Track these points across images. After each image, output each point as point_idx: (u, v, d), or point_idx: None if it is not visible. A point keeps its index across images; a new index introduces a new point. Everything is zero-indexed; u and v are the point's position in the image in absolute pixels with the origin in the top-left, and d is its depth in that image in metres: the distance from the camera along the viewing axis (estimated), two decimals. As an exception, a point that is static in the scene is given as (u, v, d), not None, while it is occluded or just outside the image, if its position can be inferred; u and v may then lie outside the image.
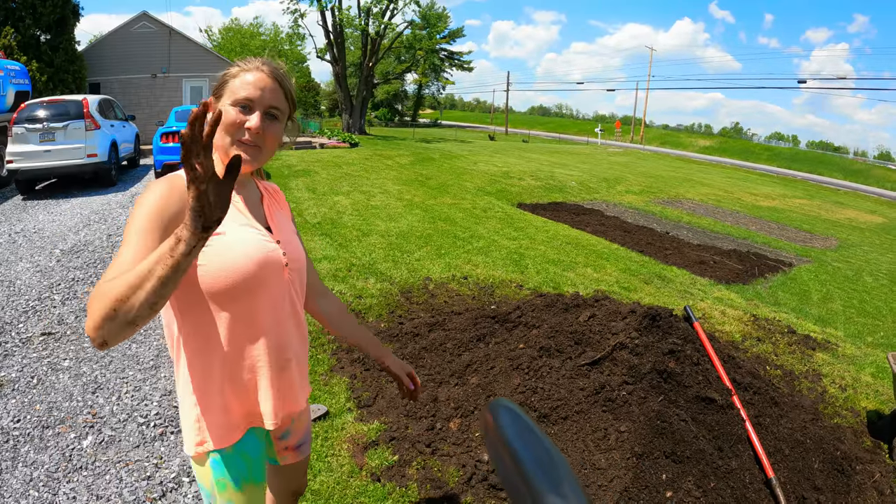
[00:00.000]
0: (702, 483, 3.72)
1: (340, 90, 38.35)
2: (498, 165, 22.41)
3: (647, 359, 4.28)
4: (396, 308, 6.66)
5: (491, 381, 4.50)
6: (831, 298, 10.19)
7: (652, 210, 17.34)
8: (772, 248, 14.12)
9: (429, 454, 4.02)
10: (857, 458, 4.90)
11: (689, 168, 38.73)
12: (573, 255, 10.25)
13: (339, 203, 12.54)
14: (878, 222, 23.50)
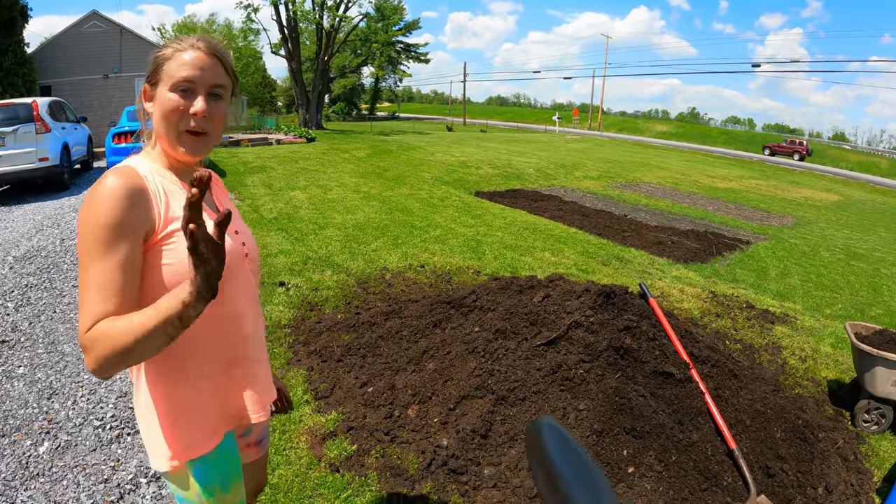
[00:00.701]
0: (663, 457, 3.73)
1: (296, 85, 37.93)
2: (455, 155, 22.40)
3: (603, 336, 4.27)
4: (353, 299, 6.60)
5: (447, 367, 4.47)
6: (789, 274, 10.35)
7: (610, 194, 17.46)
8: (729, 227, 14.29)
9: (387, 442, 3.98)
10: (820, 426, 4.96)
11: (646, 153, 39.05)
12: (531, 240, 10.28)
13: (296, 198, 12.42)
14: (834, 200, 23.95)
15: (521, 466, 3.70)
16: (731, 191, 21.84)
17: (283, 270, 7.45)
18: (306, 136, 27.16)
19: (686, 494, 3.63)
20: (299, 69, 37.63)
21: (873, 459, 4.81)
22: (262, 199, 12.14)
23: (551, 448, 0.68)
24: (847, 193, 28.13)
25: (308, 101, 38.07)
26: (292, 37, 36.25)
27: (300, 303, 6.40)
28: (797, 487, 4.05)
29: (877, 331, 5.56)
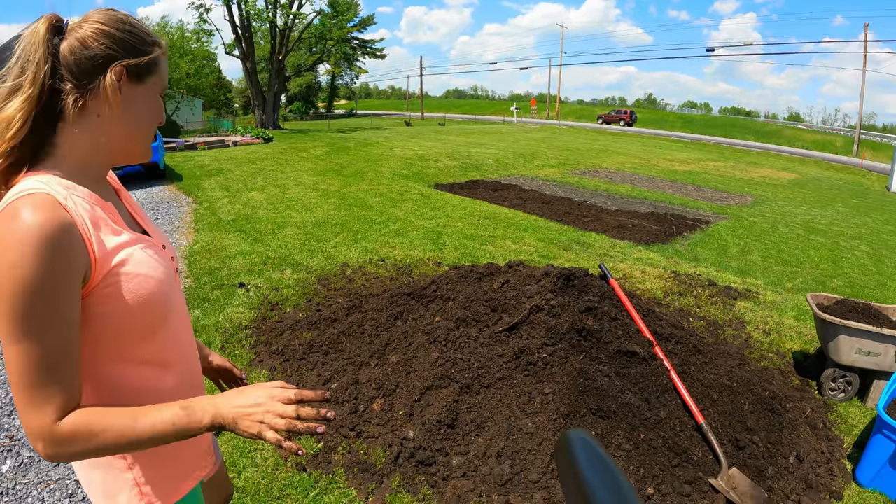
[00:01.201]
0: (631, 436, 3.70)
1: (251, 85, 37.45)
2: (414, 149, 22.32)
3: (565, 318, 4.23)
4: (314, 296, 6.51)
5: (410, 358, 4.39)
6: (749, 251, 10.47)
7: (570, 181, 17.53)
8: (689, 208, 14.43)
9: (353, 438, 3.90)
10: (787, 396, 4.99)
11: (605, 140, 39.28)
12: (491, 228, 10.27)
13: (254, 198, 12.24)
14: (791, 178, 24.31)
15: (489, 454, 3.64)
16: (690, 173, 22.05)
17: (242, 271, 7.32)
18: (263, 136, 26.83)
19: (657, 471, 3.60)
20: (254, 69, 37.16)
21: (842, 427, 4.85)
22: (220, 201, 11.94)
23: (583, 462, 0.65)
24: (804, 171, 28.59)
25: (264, 102, 37.63)
26: (246, 36, 35.73)
27: (261, 303, 6.28)
28: (768, 458, 4.05)
29: (838, 300, 5.61)
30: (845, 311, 5.38)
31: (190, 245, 8.44)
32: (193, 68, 44.22)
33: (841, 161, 39.87)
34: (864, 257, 10.87)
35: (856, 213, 16.25)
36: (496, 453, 3.63)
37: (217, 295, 6.45)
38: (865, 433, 4.74)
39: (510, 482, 3.49)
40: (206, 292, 6.51)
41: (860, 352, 5.00)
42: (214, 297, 6.38)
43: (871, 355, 4.99)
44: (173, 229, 9.43)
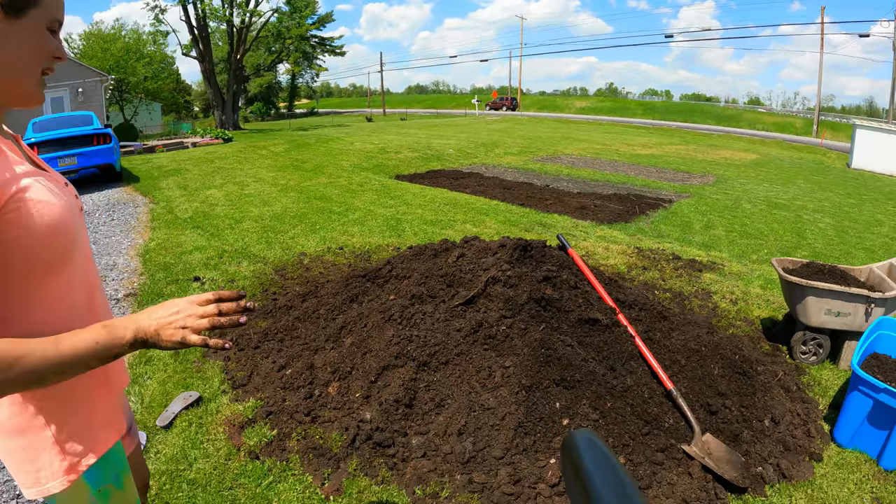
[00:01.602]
0: (598, 405, 3.55)
1: (210, 86, 36.89)
2: (375, 143, 22.11)
3: (523, 289, 4.08)
4: (270, 286, 6.34)
5: (365, 339, 4.21)
6: (713, 226, 10.49)
7: (531, 167, 17.48)
8: (651, 188, 14.47)
9: (308, 423, 3.73)
10: (758, 360, 4.90)
11: (566, 128, 39.44)
12: (451, 214, 10.19)
13: (212, 196, 11.98)
14: (752, 158, 24.54)
15: (449, 432, 3.48)
16: (652, 156, 22.13)
17: (198, 266, 7.12)
18: (223, 136, 26.39)
19: (627, 440, 3.46)
20: (212, 70, 36.60)
21: (816, 389, 4.77)
22: (177, 200, 11.66)
23: (588, 462, 0.65)
24: (764, 152, 28.91)
25: (223, 102, 37.08)
26: (203, 36, 35.12)
27: (215, 296, 6.05)
28: (743, 422, 3.93)
29: (804, 264, 5.55)
30: (812, 274, 5.31)
31: (145, 243, 8.20)
32: (151, 71, 43.57)
33: (801, 141, 40.54)
34: (827, 229, 10.96)
35: (817, 189, 16.45)
36: (457, 431, 3.46)
37: (171, 290, 6.28)
38: (840, 394, 4.65)
39: (473, 460, 3.33)
40: (161, 287, 6.33)
41: (829, 312, 4.93)
42: (169, 292, 6.21)
43: (841, 315, 4.92)
44: (129, 229, 9.17)
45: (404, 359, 3.88)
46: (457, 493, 3.19)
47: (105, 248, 7.98)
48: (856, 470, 3.81)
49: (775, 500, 3.46)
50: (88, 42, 45.93)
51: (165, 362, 4.63)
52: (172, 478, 3.30)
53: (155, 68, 44.61)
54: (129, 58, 41.46)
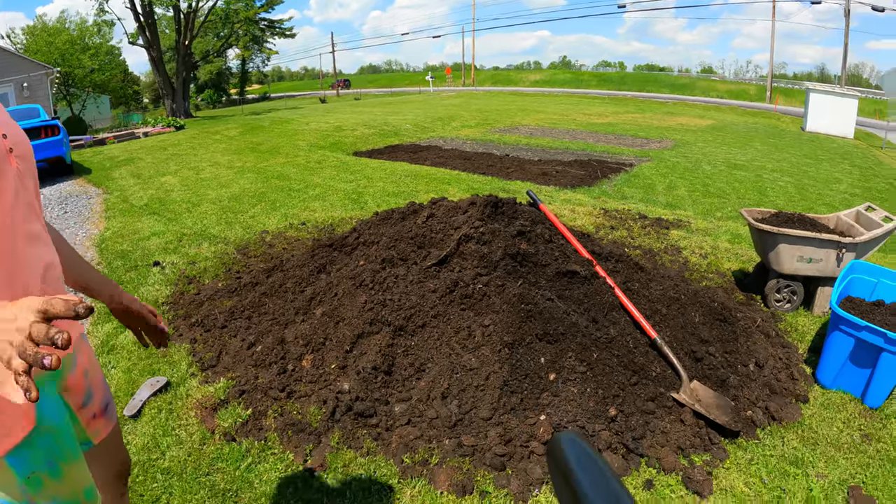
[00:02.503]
0: (584, 357, 3.47)
1: (159, 75, 35.84)
2: (331, 122, 21.85)
3: (497, 245, 3.97)
4: (233, 265, 6.17)
5: (337, 307, 4.06)
6: (675, 187, 10.61)
7: (490, 138, 17.43)
8: (611, 154, 14.56)
9: (284, 399, 3.58)
10: (736, 307, 4.87)
11: (522, 101, 39.54)
12: (413, 185, 10.11)
13: (167, 182, 11.67)
14: (708, 124, 24.90)
15: (433, 396, 3.37)
16: (609, 124, 22.27)
17: (156, 251, 6.90)
18: (175, 125, 25.80)
19: (616, 391, 3.39)
20: (160, 58, 35.61)
21: (793, 335, 4.79)
22: (132, 188, 11.32)
23: (573, 464, 0.63)
24: (720, 118, 29.34)
25: (173, 91, 36.16)
26: (149, 24, 34.06)
27: (177, 278, 5.90)
28: (728, 367, 3.89)
29: (773, 213, 5.55)
30: (782, 223, 5.32)
31: (101, 233, 7.94)
32: (97, 63, 42.49)
33: (755, 107, 41.24)
34: (787, 186, 11.18)
35: (775, 151, 16.73)
36: (441, 395, 3.35)
37: (131, 276, 6.06)
38: (818, 339, 4.68)
39: (460, 423, 3.22)
40: (120, 275, 6.11)
41: (802, 259, 4.94)
42: (128, 279, 5.99)
43: (813, 262, 4.94)
44: (83, 220, 8.87)
45: (379, 325, 3.74)
46: (447, 458, 3.08)
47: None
48: (842, 409, 3.83)
49: (768, 442, 3.45)
50: (32, 36, 44.66)
51: (129, 349, 4.43)
52: (145, 468, 3.13)
53: (101, 60, 43.59)
54: (74, 50, 40.45)
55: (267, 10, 49.72)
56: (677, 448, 3.24)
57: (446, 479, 2.95)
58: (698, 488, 2.98)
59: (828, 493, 3.08)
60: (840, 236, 4.86)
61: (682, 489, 3.03)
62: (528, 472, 2.99)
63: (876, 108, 37.82)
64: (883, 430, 3.65)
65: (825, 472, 3.25)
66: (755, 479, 3.15)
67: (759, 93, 54.60)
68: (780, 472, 3.21)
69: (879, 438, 3.56)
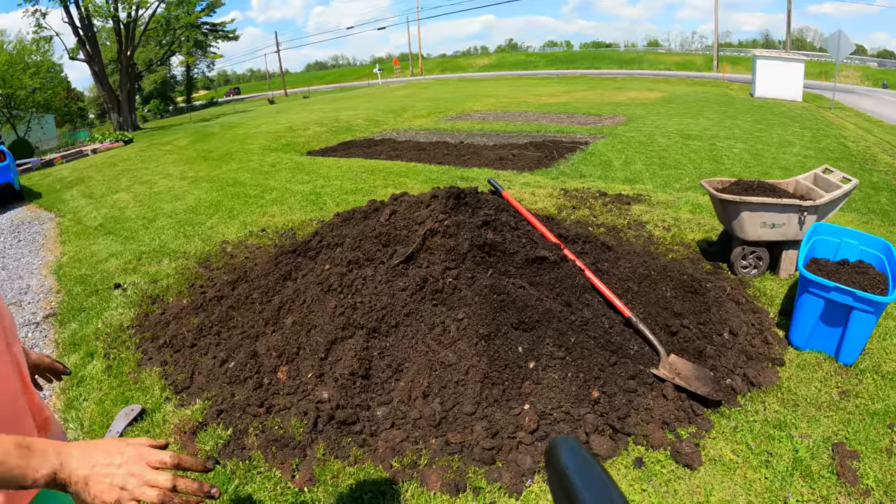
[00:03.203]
0: (561, 342, 3.46)
1: (102, 89, 35.03)
2: (281, 123, 21.69)
3: (463, 237, 3.94)
4: (196, 280, 6.06)
5: (307, 315, 4.00)
6: (632, 162, 10.71)
7: (443, 127, 17.41)
8: (565, 133, 14.64)
9: (264, 415, 3.52)
10: (704, 278, 4.92)
11: (472, 86, 39.61)
12: (371, 181, 10.07)
13: (120, 200, 11.43)
14: (659, 97, 25.18)
15: (414, 396, 3.33)
16: (561, 104, 22.40)
17: (116, 272, 6.74)
18: (123, 139, 25.32)
19: (597, 373, 3.39)
20: (103, 71, 34.80)
21: (763, 299, 4.86)
22: (84, 209, 11.07)
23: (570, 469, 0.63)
24: (670, 90, 29.73)
25: (118, 104, 35.40)
26: (89, 37, 33.24)
27: (140, 300, 5.77)
28: (703, 338, 3.92)
29: (733, 182, 5.62)
30: (742, 191, 5.38)
31: (57, 259, 7.73)
32: (39, 82, 41.41)
33: (703, 77, 41.95)
34: (742, 153, 11.35)
35: (726, 118, 16.97)
36: (422, 394, 3.32)
37: (92, 302, 5.90)
38: (788, 302, 4.76)
39: (444, 420, 3.20)
40: (81, 301, 5.94)
41: (765, 225, 5.01)
42: (90, 305, 5.83)
43: (776, 227, 5.00)
44: (38, 247, 8.64)
45: (352, 328, 3.69)
46: (435, 457, 3.06)
47: (15, 271, 7.48)
48: (818, 369, 3.90)
49: (750, 408, 3.49)
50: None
51: (99, 379, 4.31)
52: None
53: (43, 78, 42.47)
54: (14, 70, 39.35)
55: (208, 13, 48.95)
56: (662, 423, 3.26)
57: (437, 478, 2.93)
58: (688, 461, 3.00)
59: (813, 452, 3.13)
60: (801, 200, 4.93)
61: (672, 463, 3.05)
62: (518, 462, 2.98)
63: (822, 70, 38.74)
64: (859, 385, 3.73)
65: (808, 432, 3.30)
66: (742, 446, 3.19)
67: (706, 63, 55.49)
68: (766, 437, 3.26)
69: (857, 394, 3.63)
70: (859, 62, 53.50)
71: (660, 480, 2.95)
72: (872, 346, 4.18)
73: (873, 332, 4.29)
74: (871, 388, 3.70)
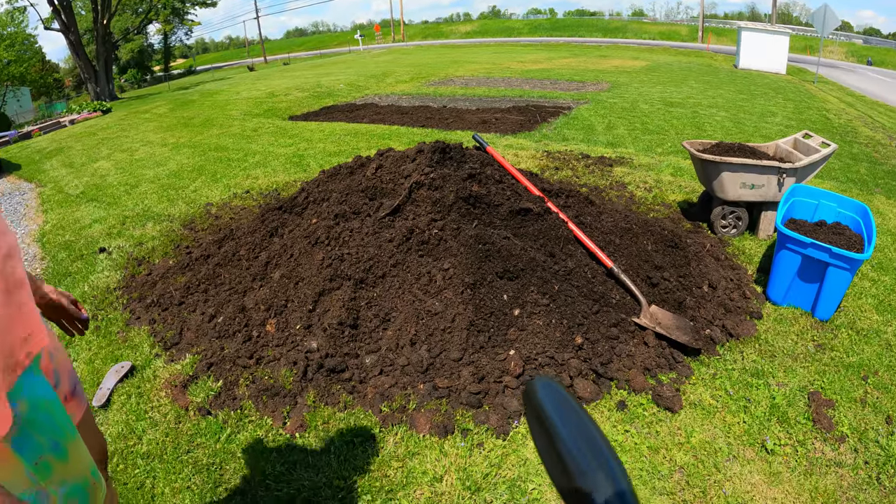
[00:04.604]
0: (545, 290, 3.54)
1: (79, 59, 34.36)
2: (262, 89, 21.50)
3: (449, 189, 4.00)
4: (181, 241, 6.07)
5: (294, 268, 4.05)
6: (615, 126, 10.78)
7: (425, 92, 17.38)
8: (549, 98, 14.69)
9: (254, 366, 3.57)
10: (685, 235, 5.01)
11: (454, 53, 39.37)
12: (354, 143, 10.07)
13: (101, 168, 11.33)
14: (642, 65, 25.23)
15: (402, 344, 3.40)
16: (544, 70, 22.39)
17: (100, 237, 6.72)
18: (101, 108, 24.98)
19: (580, 320, 3.47)
20: (79, 41, 34.09)
21: (742, 257, 4.97)
22: (65, 178, 10.96)
23: (548, 408, 0.64)
24: (653, 59, 29.76)
25: (95, 74, 34.77)
26: (64, 6, 32.46)
27: (126, 262, 5.77)
28: (684, 290, 4.02)
29: (714, 144, 5.70)
30: (723, 152, 5.47)
31: (40, 227, 7.67)
32: (13, 54, 40.66)
33: (688, 47, 42.04)
34: (724, 121, 11.48)
35: (709, 88, 17.10)
36: (409, 341, 3.39)
37: (78, 266, 5.89)
38: (766, 260, 4.87)
39: (432, 367, 3.27)
40: (66, 266, 5.93)
41: (745, 186, 5.10)
42: (76, 270, 5.81)
43: (756, 188, 5.09)
44: (20, 217, 8.56)
45: (339, 280, 3.75)
46: (424, 402, 3.14)
47: (-1, 243, 7.44)
48: (794, 323, 4.02)
49: (728, 358, 3.60)
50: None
51: (88, 340, 4.32)
52: (124, 456, 3.08)
53: (17, 50, 41.69)
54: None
55: (185, -21, 48.26)
56: (644, 369, 3.36)
57: (426, 422, 3.01)
58: (669, 404, 3.10)
59: (790, 399, 3.25)
60: (780, 162, 5.01)
61: (654, 406, 3.16)
62: (504, 405, 3.07)
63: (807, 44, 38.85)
64: (835, 339, 3.86)
65: (785, 380, 3.42)
66: (721, 392, 3.30)
67: (690, 33, 55.38)
68: (744, 384, 3.37)
69: (832, 347, 3.76)
70: (845, 38, 53.79)
71: (642, 423, 3.05)
72: (848, 303, 4.32)
73: (849, 291, 4.45)
74: (846, 342, 3.84)
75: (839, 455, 2.90)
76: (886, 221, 6.03)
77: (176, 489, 2.84)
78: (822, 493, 2.68)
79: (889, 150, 9.69)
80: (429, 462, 2.85)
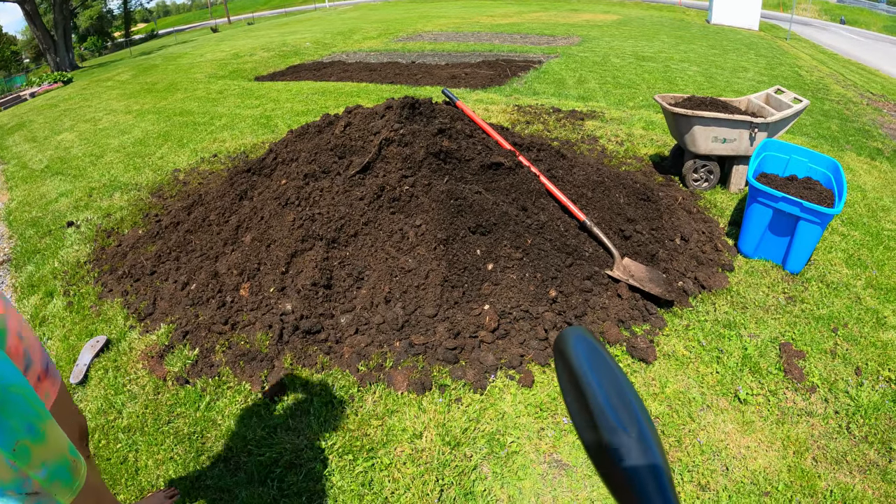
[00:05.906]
0: (518, 244, 3.55)
1: (36, 29, 33.43)
2: (226, 50, 21.21)
3: (419, 145, 3.97)
4: (150, 209, 6.00)
5: (265, 231, 4.01)
6: (586, 80, 10.77)
7: (393, 48, 17.21)
8: (519, 52, 14.63)
9: (229, 332, 3.56)
10: (657, 188, 5.04)
11: (423, 7, 39.04)
12: (322, 102, 9.96)
13: (65, 140, 11.10)
14: (614, 19, 25.19)
15: (376, 302, 3.40)
16: (514, 24, 22.30)
17: (67, 211, 6.61)
18: (62, 79, 24.44)
19: (554, 273, 3.49)
20: (35, 10, 33.15)
21: (713, 210, 5.02)
22: (28, 153, 10.71)
23: (580, 359, 0.62)
24: (625, 13, 29.67)
25: (54, 43, 33.89)
26: (18, -27, 31.79)
27: (95, 235, 5.69)
28: (656, 243, 4.05)
29: (686, 97, 5.71)
30: (695, 106, 5.49)
31: (6, 205, 7.50)
32: (-36, 28, 39.54)
33: (660, 1, 41.91)
34: (696, 76, 11.50)
35: (681, 42, 17.13)
36: (384, 299, 3.39)
37: (46, 242, 5.79)
38: (737, 214, 4.93)
39: (407, 324, 3.28)
40: (34, 244, 5.82)
41: (716, 140, 5.12)
42: (44, 246, 5.71)
43: (727, 142, 5.12)
44: (-18, 198, 8.38)
45: (311, 240, 3.73)
46: (401, 359, 3.15)
47: (-38, 224, 7.29)
48: (765, 276, 4.09)
49: (700, 308, 3.66)
50: None
51: (61, 317, 4.26)
52: (105, 431, 3.07)
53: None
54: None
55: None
56: (618, 321, 3.39)
57: (404, 379, 3.02)
58: (643, 355, 3.14)
59: (761, 350, 3.32)
60: (752, 117, 5.02)
61: (629, 358, 3.20)
62: (481, 360, 3.09)
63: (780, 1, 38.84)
64: (805, 292, 3.93)
65: (757, 332, 3.48)
66: (694, 343, 3.35)
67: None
68: (716, 335, 3.43)
69: (803, 300, 3.83)
70: (818, -5, 53.65)
71: (617, 373, 3.09)
72: (818, 257, 4.40)
73: (819, 245, 4.53)
74: (816, 295, 3.91)
75: (810, 405, 2.97)
76: (857, 177, 6.10)
77: (159, 461, 2.83)
78: (794, 442, 2.75)
79: (860, 107, 9.78)
80: (408, 419, 2.87)
